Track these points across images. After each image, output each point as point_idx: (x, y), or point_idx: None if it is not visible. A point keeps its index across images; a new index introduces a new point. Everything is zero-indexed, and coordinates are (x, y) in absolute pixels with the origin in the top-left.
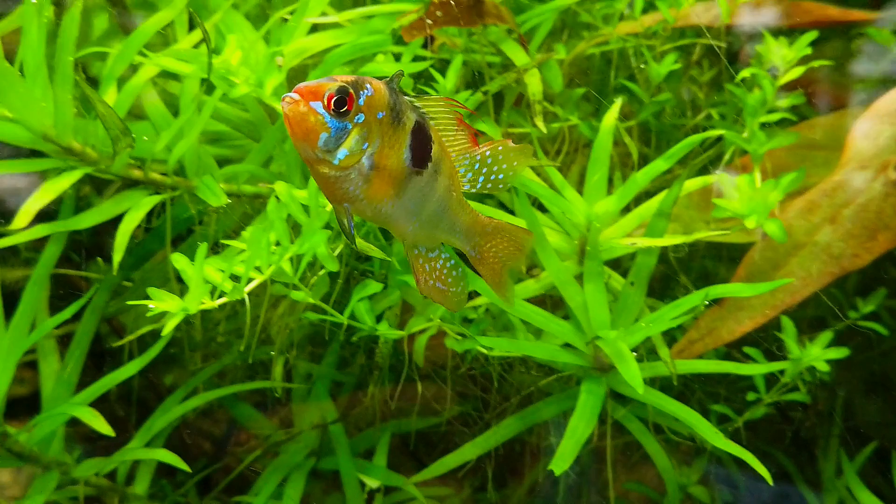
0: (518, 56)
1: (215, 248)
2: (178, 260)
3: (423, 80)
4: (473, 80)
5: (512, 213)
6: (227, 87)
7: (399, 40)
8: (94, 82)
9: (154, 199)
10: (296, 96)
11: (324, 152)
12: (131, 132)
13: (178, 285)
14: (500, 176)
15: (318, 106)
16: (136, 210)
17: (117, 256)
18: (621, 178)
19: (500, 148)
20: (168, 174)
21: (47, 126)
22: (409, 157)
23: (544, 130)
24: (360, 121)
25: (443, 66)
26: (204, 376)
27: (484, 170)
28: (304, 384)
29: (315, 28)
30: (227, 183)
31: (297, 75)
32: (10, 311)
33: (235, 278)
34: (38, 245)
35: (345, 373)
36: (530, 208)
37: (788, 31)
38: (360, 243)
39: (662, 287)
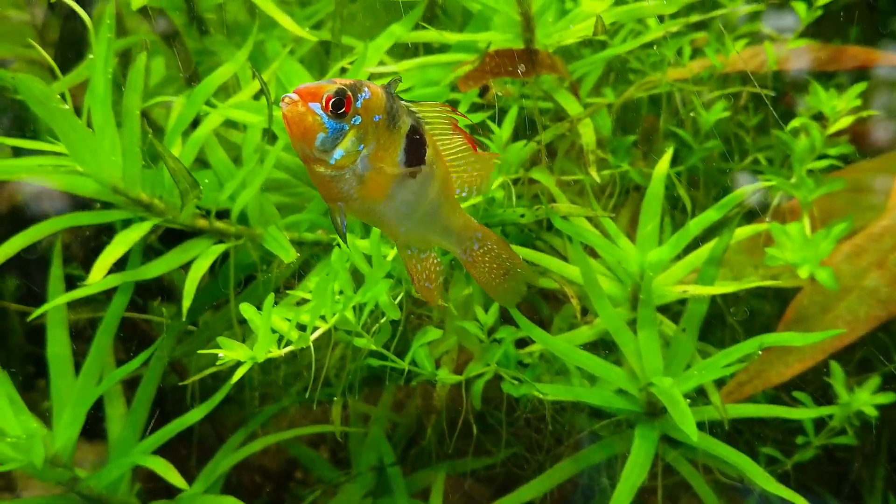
0: (570, 105)
1: (277, 293)
2: (247, 310)
3: (479, 130)
4: (526, 128)
5: (564, 258)
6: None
7: (454, 88)
8: (158, 130)
9: (219, 249)
10: (295, 97)
11: (320, 152)
12: (199, 184)
13: (240, 328)
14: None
15: (316, 107)
16: (203, 259)
17: (186, 303)
18: (670, 221)
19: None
20: (232, 223)
21: (116, 178)
22: (403, 160)
23: (598, 180)
24: (356, 123)
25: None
26: (263, 417)
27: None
28: (361, 425)
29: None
30: (288, 230)
31: None
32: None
33: (301, 326)
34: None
35: (401, 414)
36: (584, 256)
37: (833, 75)
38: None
39: (708, 325)
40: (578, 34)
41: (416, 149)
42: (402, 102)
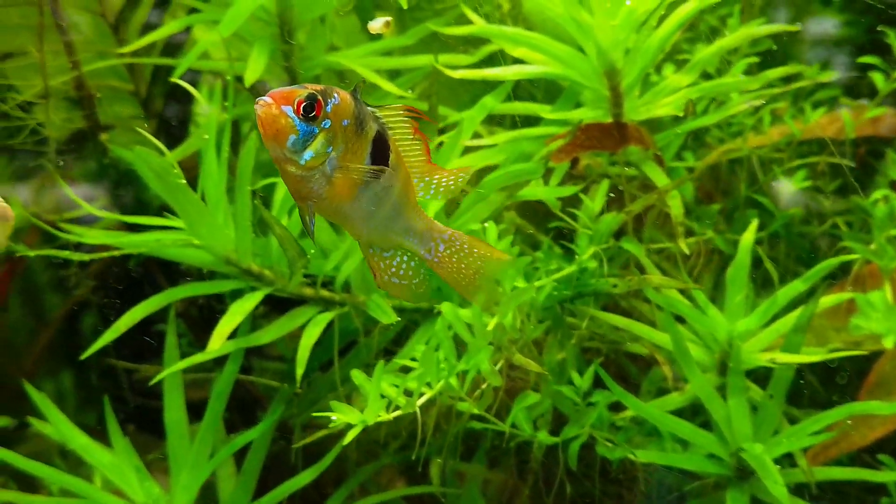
0: (657, 176)
1: (378, 357)
2: (357, 376)
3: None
4: (616, 199)
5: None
6: None
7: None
8: (264, 202)
9: (328, 317)
10: (269, 100)
11: (291, 153)
12: (306, 252)
13: (343, 388)
14: (440, 191)
15: (288, 110)
16: (314, 327)
17: (299, 370)
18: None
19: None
20: (336, 291)
21: (229, 250)
22: (369, 164)
23: (686, 251)
24: (326, 126)
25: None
26: (364, 475)
27: (426, 178)
28: (456, 484)
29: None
30: (388, 298)
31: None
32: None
33: (407, 391)
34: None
35: (497, 473)
36: (675, 325)
37: None
38: (519, 358)
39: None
40: (665, 110)
41: (381, 153)
42: (368, 108)
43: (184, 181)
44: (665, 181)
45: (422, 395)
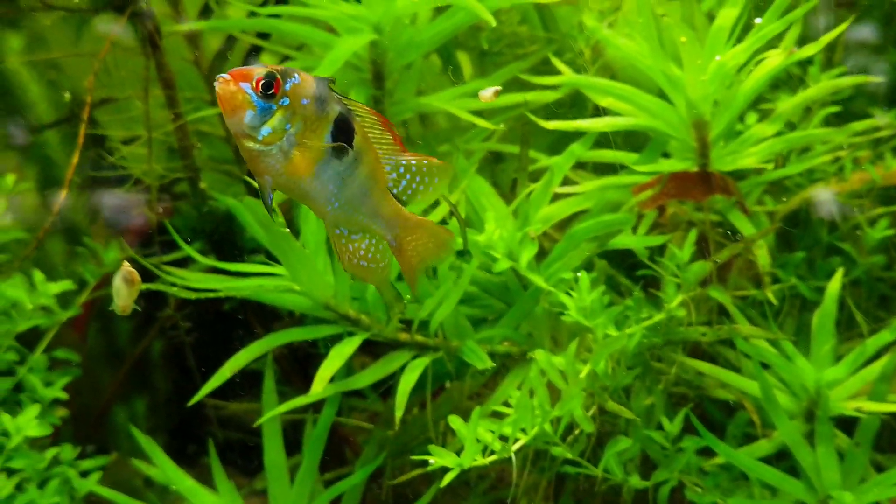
0: (743, 225)
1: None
2: (454, 421)
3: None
4: (701, 248)
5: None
6: (483, 257)
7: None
8: None
9: (424, 361)
10: (227, 77)
11: (249, 128)
12: (402, 297)
13: (434, 430)
14: (420, 188)
15: (246, 87)
16: (411, 372)
17: (398, 413)
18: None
19: (425, 162)
20: (430, 335)
21: (328, 296)
22: (329, 142)
23: (775, 302)
24: (284, 104)
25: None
26: None
27: (407, 176)
28: None
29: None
30: (480, 343)
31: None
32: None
33: (502, 437)
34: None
35: None
36: (763, 373)
37: None
38: (612, 405)
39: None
40: (751, 161)
41: (342, 134)
42: (337, 95)
43: (287, 230)
44: (751, 230)
45: (516, 440)
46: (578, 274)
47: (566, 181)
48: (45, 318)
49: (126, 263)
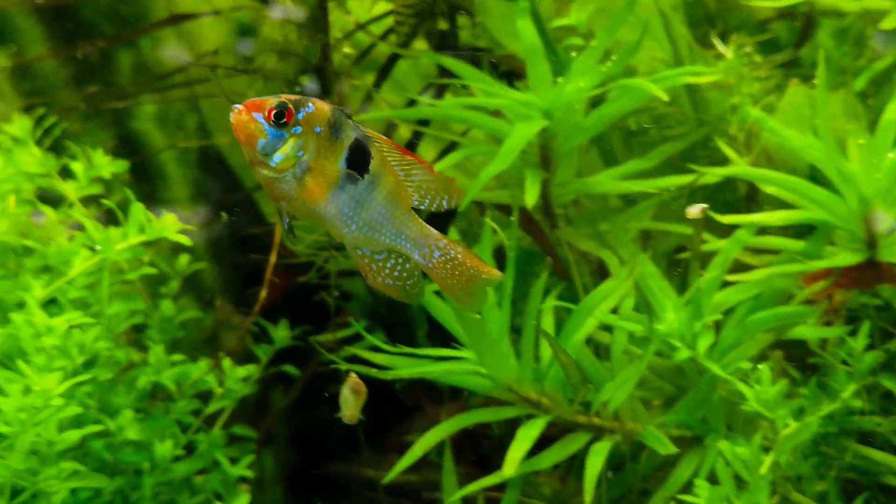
0: None
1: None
2: None
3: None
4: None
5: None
6: (660, 344)
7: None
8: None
9: (606, 445)
10: (240, 107)
11: (262, 156)
12: (588, 381)
13: None
14: (444, 203)
15: (258, 116)
16: (596, 455)
17: (588, 499)
18: None
19: (437, 177)
20: (607, 418)
21: (511, 379)
22: (344, 167)
23: None
24: (297, 132)
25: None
26: None
27: (430, 195)
28: None
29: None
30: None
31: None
32: None
33: None
34: None
35: None
36: None
37: None
38: (796, 495)
39: None
40: None
41: (358, 159)
42: (353, 123)
43: (479, 317)
44: None
45: None
46: (759, 366)
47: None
48: (230, 401)
49: (353, 374)
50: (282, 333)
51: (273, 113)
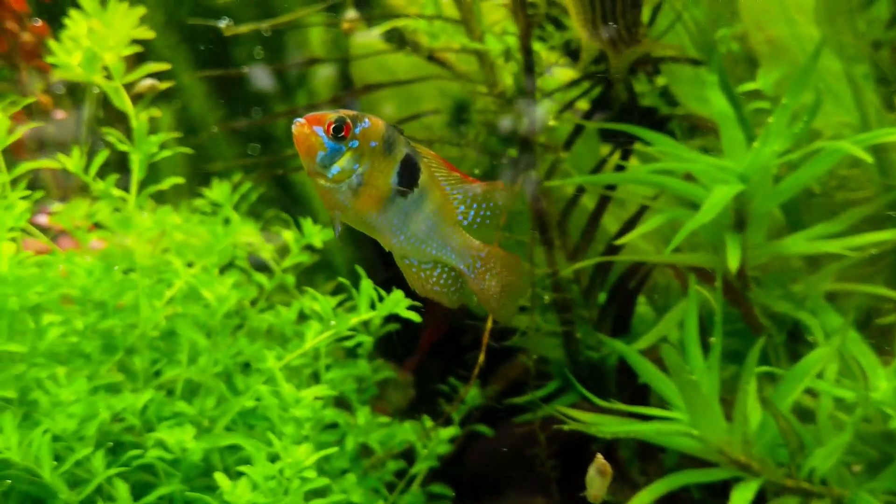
0: None
1: None
2: None
3: None
4: None
5: None
6: (868, 410)
7: None
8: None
9: None
10: (303, 121)
11: (321, 167)
12: (806, 445)
13: None
14: (489, 214)
15: (319, 130)
16: None
17: None
18: None
19: (488, 188)
20: (815, 483)
21: (723, 442)
22: (395, 181)
23: None
24: (353, 146)
25: None
26: None
27: (475, 205)
28: None
29: None
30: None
31: None
32: None
33: None
34: None
35: None
36: None
37: None
38: None
39: None
40: None
41: (408, 173)
42: (405, 139)
43: (695, 378)
44: None
45: None
46: None
47: None
48: (432, 461)
49: (600, 456)
50: (472, 394)
51: (332, 127)
